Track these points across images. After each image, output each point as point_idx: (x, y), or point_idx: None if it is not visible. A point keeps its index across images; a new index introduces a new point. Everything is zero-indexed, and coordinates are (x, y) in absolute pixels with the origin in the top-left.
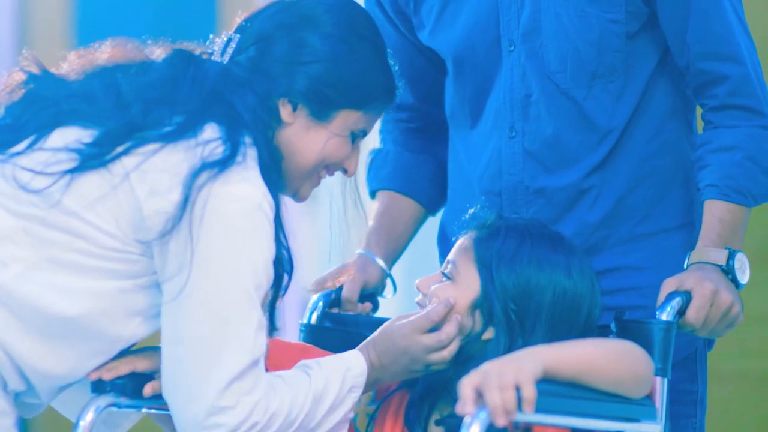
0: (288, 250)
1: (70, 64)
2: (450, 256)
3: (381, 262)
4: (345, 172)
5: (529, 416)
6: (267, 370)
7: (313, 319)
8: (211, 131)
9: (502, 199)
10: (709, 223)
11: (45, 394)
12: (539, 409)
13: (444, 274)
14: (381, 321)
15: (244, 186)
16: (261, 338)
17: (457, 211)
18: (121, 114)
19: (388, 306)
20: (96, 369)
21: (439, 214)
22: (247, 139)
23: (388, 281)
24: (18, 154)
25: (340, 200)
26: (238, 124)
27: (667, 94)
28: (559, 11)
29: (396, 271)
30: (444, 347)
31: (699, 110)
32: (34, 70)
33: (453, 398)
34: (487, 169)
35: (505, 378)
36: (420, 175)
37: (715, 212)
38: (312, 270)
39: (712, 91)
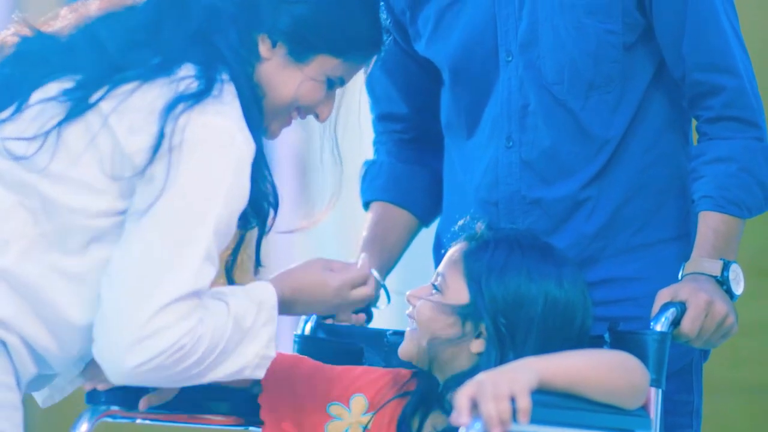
0: (273, 185)
1: (62, 20)
2: (440, 268)
3: (375, 273)
4: (317, 117)
5: (523, 427)
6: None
7: (307, 330)
8: (186, 70)
9: (499, 209)
10: (703, 234)
11: (62, 366)
12: (534, 420)
13: (434, 286)
14: (375, 332)
15: (220, 119)
16: (208, 270)
17: (452, 222)
18: (102, 59)
19: (381, 316)
20: (91, 379)
21: (434, 225)
22: (225, 76)
23: (382, 292)
24: (4, 121)
25: (318, 146)
26: (216, 61)
27: (663, 105)
28: (556, 22)
29: (390, 281)
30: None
31: (694, 122)
32: (26, 32)
33: (446, 410)
34: (484, 179)
35: (500, 388)
36: (413, 186)
37: (709, 223)
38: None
39: (708, 102)
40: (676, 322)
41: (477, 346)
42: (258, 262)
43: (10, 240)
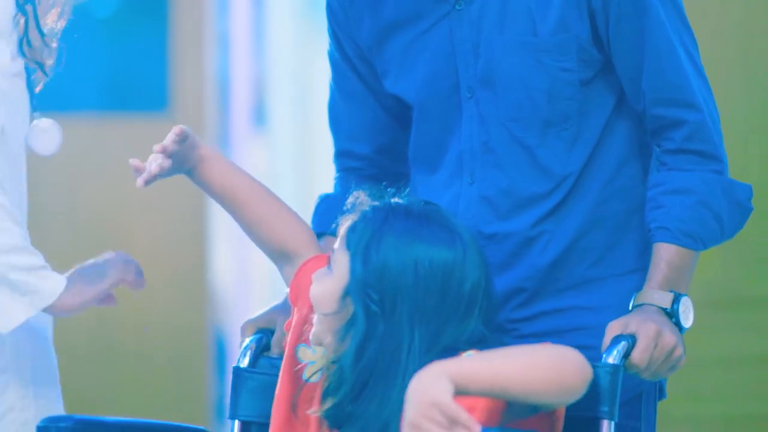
0: None
1: None
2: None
3: None
4: None
5: None
6: None
7: (245, 363)
8: None
9: None
10: (656, 266)
11: None
12: None
13: (328, 267)
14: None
15: None
16: None
17: None
18: None
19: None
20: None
21: None
22: None
23: None
24: None
25: None
26: None
27: (623, 138)
28: (512, 60)
29: None
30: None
31: None
32: None
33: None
34: None
35: (433, 414)
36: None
37: (663, 255)
38: None
39: (669, 134)
40: (626, 354)
41: (344, 319)
42: None
43: None
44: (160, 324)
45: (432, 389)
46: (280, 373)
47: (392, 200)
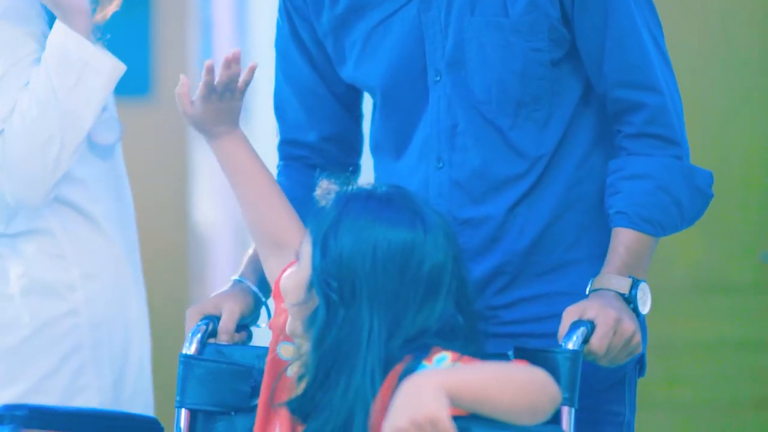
0: None
1: None
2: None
3: (256, 290)
4: None
5: None
6: None
7: (193, 350)
8: None
9: None
10: (615, 250)
11: None
12: None
13: (297, 259)
14: (258, 350)
15: None
16: None
17: None
18: None
19: (261, 335)
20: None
21: None
22: None
23: (263, 310)
24: None
25: None
26: None
27: (593, 121)
28: (483, 41)
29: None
30: None
31: None
32: None
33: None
34: None
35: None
36: (308, 211)
37: (622, 240)
38: None
39: (629, 118)
40: (585, 340)
41: (311, 309)
42: None
43: None
44: None
45: (431, 404)
46: (264, 374)
47: (356, 186)
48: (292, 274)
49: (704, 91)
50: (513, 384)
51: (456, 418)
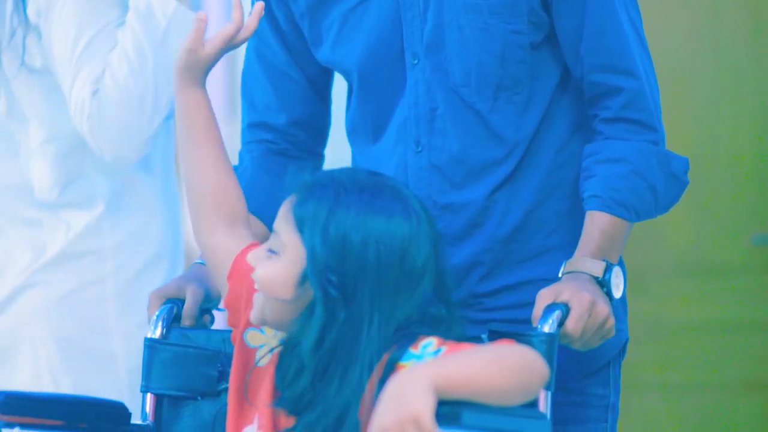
0: None
1: None
2: (275, 225)
3: None
4: None
5: None
6: None
7: (158, 334)
8: None
9: None
10: (589, 234)
11: None
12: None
13: (270, 250)
14: (224, 333)
15: None
16: None
17: None
18: None
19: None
20: None
21: None
22: None
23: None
24: None
25: None
26: None
27: (572, 106)
28: (461, 23)
29: None
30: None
31: None
32: None
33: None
34: None
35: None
36: (273, 198)
37: (596, 223)
38: None
39: (605, 102)
40: (560, 323)
41: (303, 305)
42: None
43: None
44: None
45: (416, 404)
46: (233, 361)
47: (338, 173)
48: (271, 266)
49: (693, 71)
50: (503, 367)
51: (446, 403)
